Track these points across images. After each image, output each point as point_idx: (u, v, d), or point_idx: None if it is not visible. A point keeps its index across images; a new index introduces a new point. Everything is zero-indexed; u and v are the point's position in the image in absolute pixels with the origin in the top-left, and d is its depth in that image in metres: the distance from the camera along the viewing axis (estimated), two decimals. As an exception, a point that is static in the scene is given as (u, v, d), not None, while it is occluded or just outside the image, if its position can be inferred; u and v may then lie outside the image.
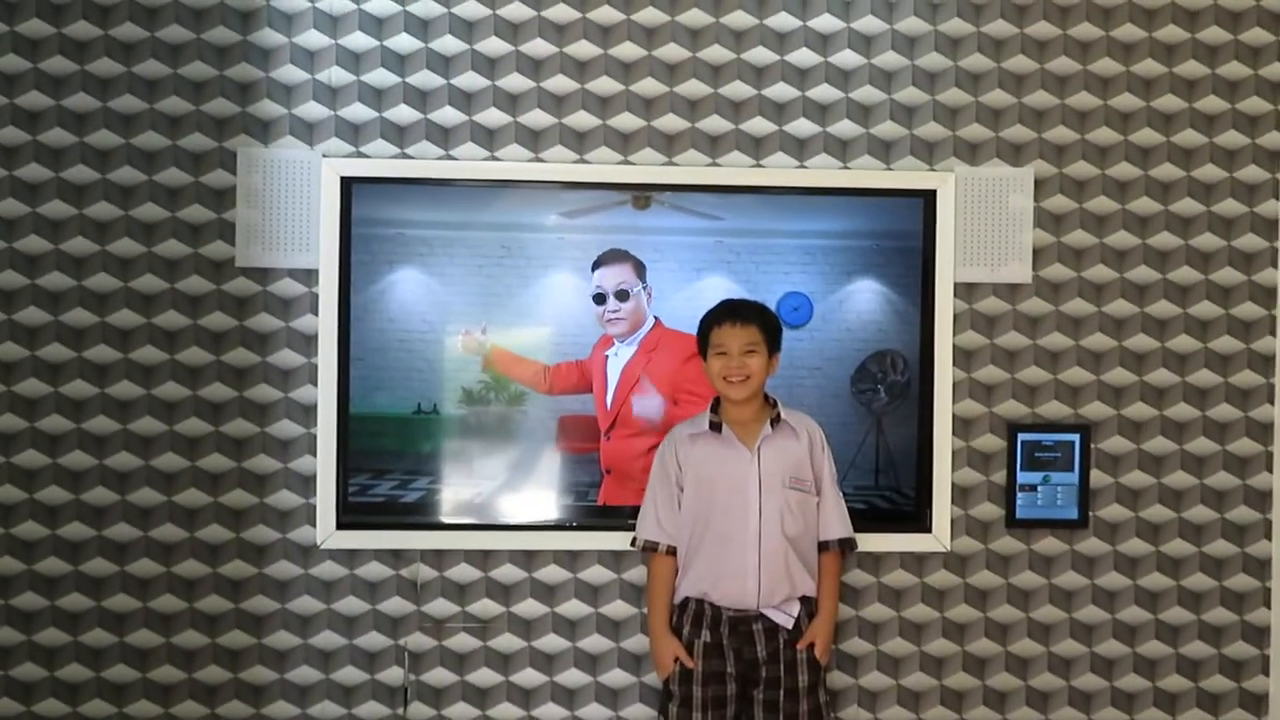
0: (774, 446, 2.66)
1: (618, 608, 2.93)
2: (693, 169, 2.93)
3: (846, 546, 2.73)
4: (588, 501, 2.93)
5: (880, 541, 2.92)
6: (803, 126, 2.95)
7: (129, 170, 2.86)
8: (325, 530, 2.87)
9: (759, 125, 2.94)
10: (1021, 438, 2.96)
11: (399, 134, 2.90)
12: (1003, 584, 2.98)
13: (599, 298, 2.92)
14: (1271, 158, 2.99)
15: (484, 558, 2.92)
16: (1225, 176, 2.99)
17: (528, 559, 2.93)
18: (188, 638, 2.88)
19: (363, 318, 2.88)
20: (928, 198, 2.93)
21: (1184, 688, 3.01)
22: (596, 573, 2.93)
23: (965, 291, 2.96)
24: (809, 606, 2.67)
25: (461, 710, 2.91)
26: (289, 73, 2.89)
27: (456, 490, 2.93)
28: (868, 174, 2.94)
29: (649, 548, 2.71)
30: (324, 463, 2.86)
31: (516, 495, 2.94)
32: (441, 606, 2.91)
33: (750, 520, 2.61)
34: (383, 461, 2.91)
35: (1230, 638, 3.01)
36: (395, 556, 2.91)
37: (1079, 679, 3.00)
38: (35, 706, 2.87)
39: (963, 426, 2.97)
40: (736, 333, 2.61)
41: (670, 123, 2.93)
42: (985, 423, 2.97)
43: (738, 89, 2.94)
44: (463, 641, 2.92)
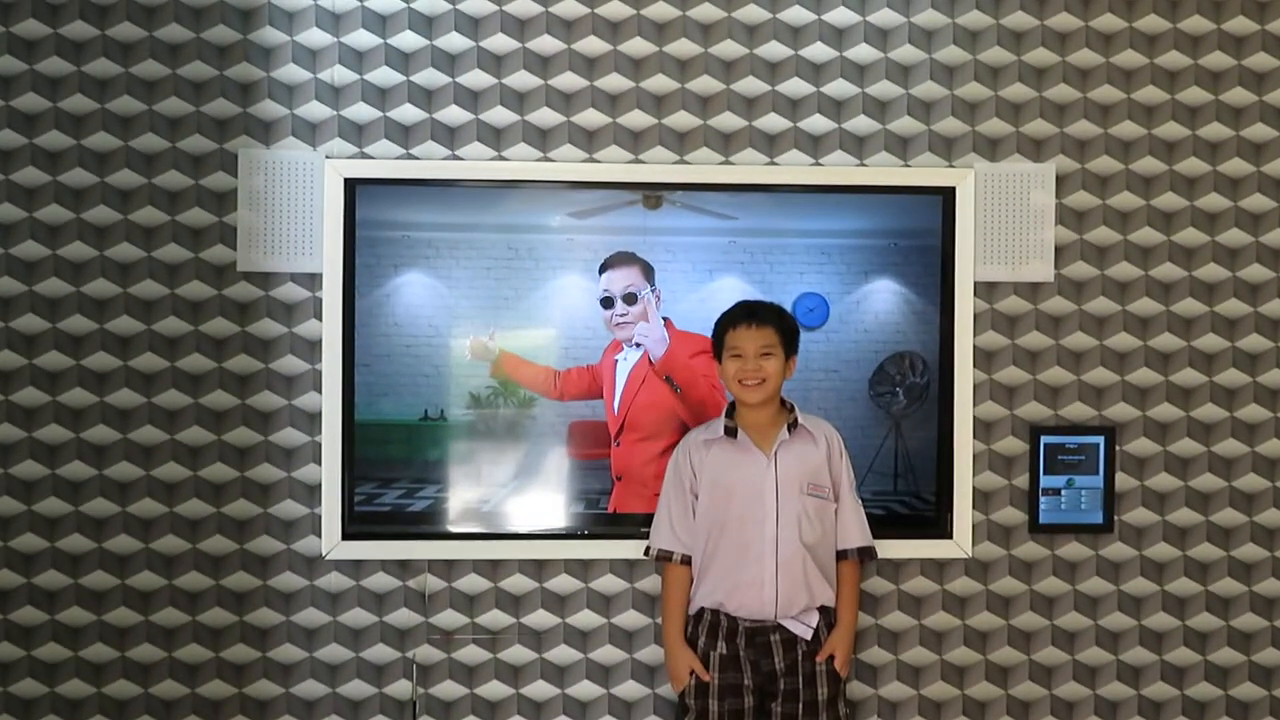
0: (791, 452, 2.60)
1: (631, 618, 2.88)
2: (705, 167, 2.87)
3: (866, 555, 2.67)
4: (599, 509, 2.88)
5: (900, 548, 2.88)
6: (818, 123, 2.89)
7: (128, 173, 2.82)
8: (331, 541, 2.83)
9: (773, 122, 2.89)
10: (1044, 440, 2.90)
11: (404, 134, 2.85)
12: (1026, 590, 2.93)
13: (606, 301, 2.87)
14: (1300, 151, 2.94)
15: (493, 567, 2.87)
16: (1253, 170, 2.92)
17: (538, 569, 2.88)
18: (190, 652, 2.84)
19: (368, 322, 2.84)
20: (946, 195, 2.88)
21: (1213, 695, 2.95)
22: (609, 582, 2.88)
23: (985, 291, 2.91)
24: (828, 617, 2.62)
25: (471, 724, 2.88)
26: (291, 72, 2.84)
27: (465, 499, 2.88)
28: (885, 171, 2.89)
29: (663, 557, 2.66)
30: (329, 471, 2.82)
31: (526, 503, 2.89)
32: (450, 618, 2.86)
33: (767, 528, 2.56)
34: (389, 470, 2.86)
35: (1260, 644, 2.95)
36: (402, 567, 2.86)
37: (1105, 687, 2.94)
38: (36, 723, 2.84)
39: (984, 429, 2.91)
40: (752, 334, 2.56)
41: (682, 120, 2.88)
42: (1007, 425, 2.92)
43: (751, 85, 2.88)
44: (472, 653, 2.87)
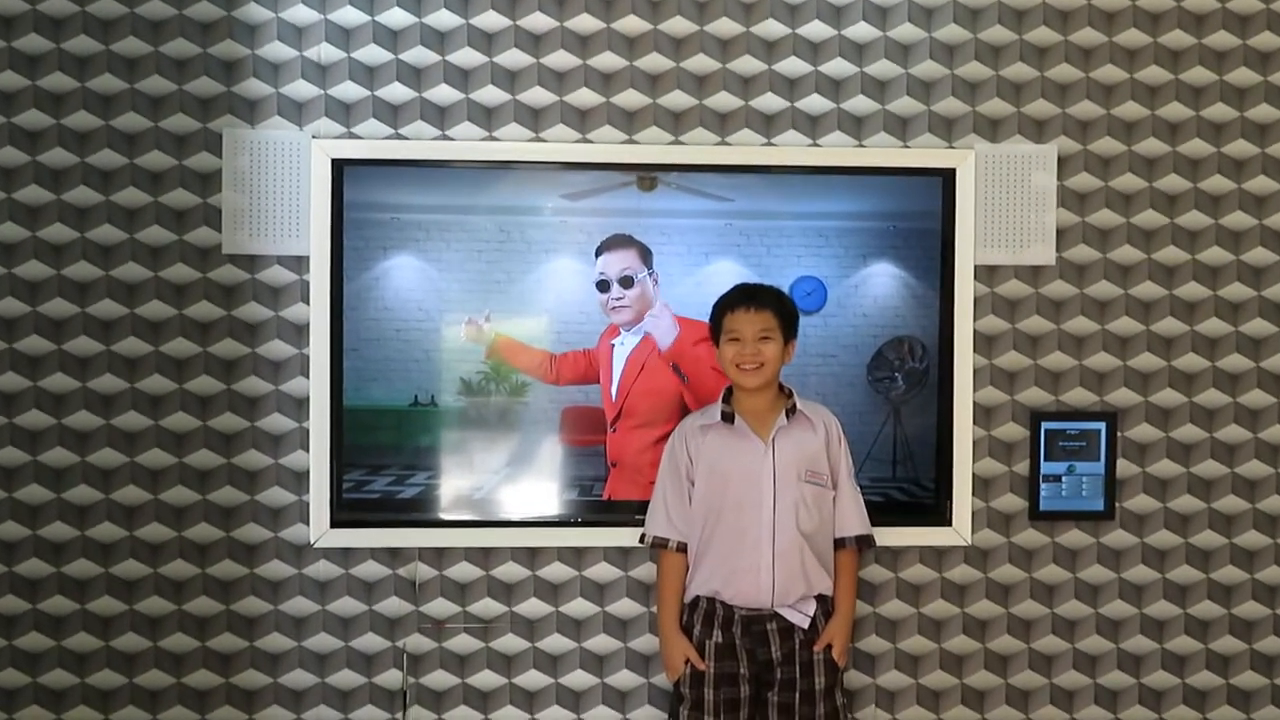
0: (789, 438, 2.56)
1: (625, 606, 2.85)
2: (701, 148, 2.83)
3: (864, 544, 2.63)
4: (593, 496, 2.84)
5: (898, 535, 2.85)
6: (816, 103, 2.84)
7: (109, 153, 2.76)
8: (319, 528, 2.78)
9: (770, 102, 2.84)
10: (1045, 426, 2.87)
11: (392, 113, 2.80)
12: (1026, 578, 2.90)
13: (602, 284, 2.83)
14: (1305, 132, 2.90)
15: (485, 555, 2.83)
16: (1257, 152, 2.89)
17: (531, 556, 2.84)
18: (176, 641, 2.80)
19: (356, 306, 2.79)
20: (946, 176, 2.84)
21: (1214, 684, 2.93)
22: (603, 570, 2.85)
23: (986, 274, 2.87)
24: (825, 605, 2.58)
25: (463, 714, 2.84)
26: (276, 50, 2.78)
27: (456, 485, 2.84)
28: (884, 152, 2.85)
29: (658, 544, 2.63)
30: (317, 458, 2.77)
31: (519, 490, 2.85)
32: (441, 606, 2.83)
33: (764, 515, 2.53)
34: (378, 456, 2.82)
35: (1262, 632, 2.93)
36: (392, 555, 2.82)
37: (1105, 676, 2.92)
38: (18, 714, 2.79)
39: (984, 415, 2.87)
40: (751, 318, 2.52)
41: (677, 99, 2.83)
42: (1007, 411, 2.88)
43: (747, 64, 2.83)
44: (464, 643, 2.84)
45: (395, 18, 2.79)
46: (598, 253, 2.82)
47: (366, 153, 2.78)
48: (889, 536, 2.81)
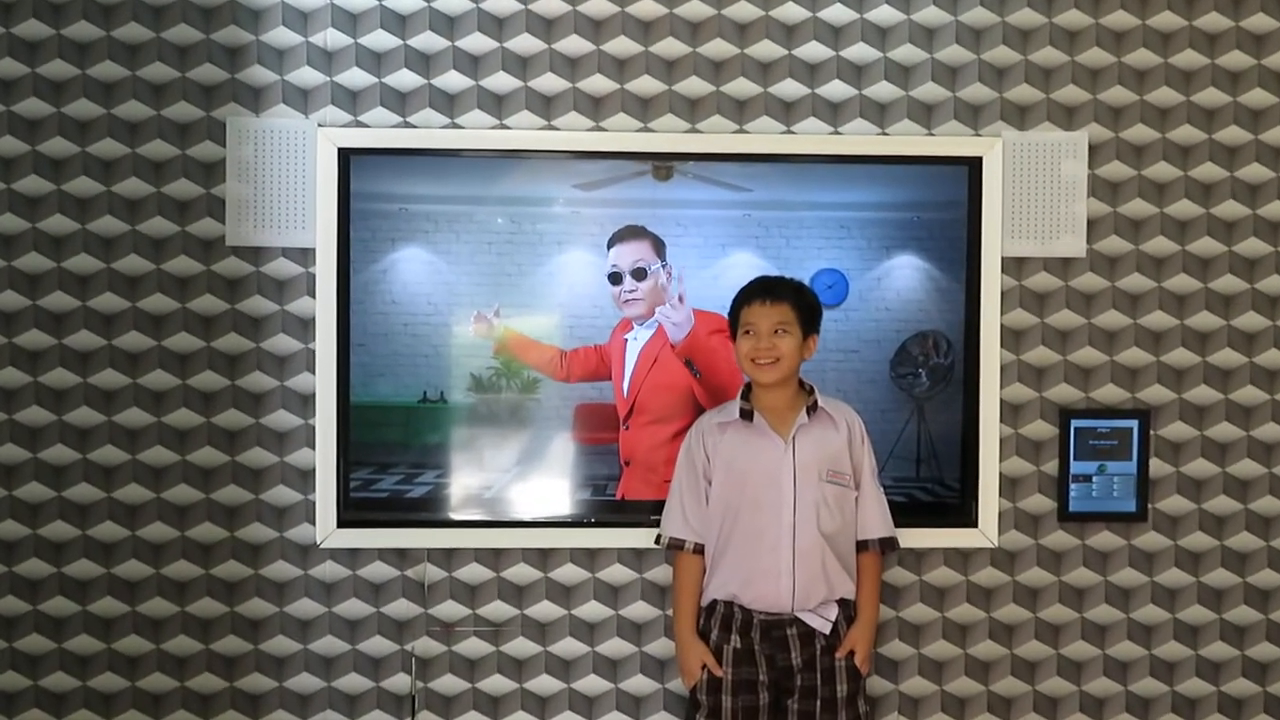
0: (810, 436, 2.49)
1: (640, 609, 2.80)
2: (718, 136, 2.76)
3: (887, 546, 2.57)
4: (606, 496, 2.79)
5: (922, 537, 2.79)
6: (837, 89, 2.78)
7: (110, 142, 2.72)
8: (325, 528, 2.74)
9: (790, 88, 2.77)
10: (1075, 424, 2.80)
11: (400, 101, 2.74)
12: (1054, 582, 2.83)
13: (615, 277, 2.77)
14: (1346, 119, 2.83)
15: (496, 557, 2.79)
16: (1296, 140, 2.81)
17: (543, 558, 2.79)
18: (179, 644, 2.76)
19: (363, 300, 2.75)
20: (973, 165, 2.78)
21: (1250, 692, 2.86)
22: (617, 572, 2.79)
23: (1014, 267, 2.80)
24: (847, 610, 2.52)
25: (472, 719, 2.78)
26: (281, 35, 2.73)
27: (466, 484, 2.79)
28: (908, 140, 2.78)
29: (674, 545, 2.57)
30: (323, 456, 2.73)
31: (530, 489, 2.80)
32: (451, 609, 2.78)
33: (784, 516, 2.46)
34: (386, 454, 2.77)
35: (1300, 638, 2.86)
36: (400, 556, 2.77)
37: (1137, 683, 2.85)
38: (19, 718, 2.75)
39: (1011, 412, 2.81)
40: (767, 311, 2.45)
41: (693, 86, 2.77)
42: (1035, 408, 2.81)
43: (766, 49, 2.77)
44: (474, 646, 2.79)
45: (403, 2, 2.74)
46: (609, 244, 2.77)
47: (374, 141, 2.73)
48: (913, 538, 2.75)
